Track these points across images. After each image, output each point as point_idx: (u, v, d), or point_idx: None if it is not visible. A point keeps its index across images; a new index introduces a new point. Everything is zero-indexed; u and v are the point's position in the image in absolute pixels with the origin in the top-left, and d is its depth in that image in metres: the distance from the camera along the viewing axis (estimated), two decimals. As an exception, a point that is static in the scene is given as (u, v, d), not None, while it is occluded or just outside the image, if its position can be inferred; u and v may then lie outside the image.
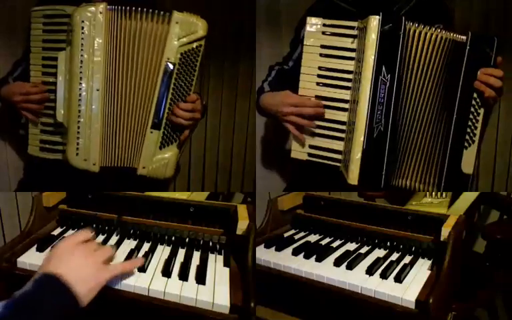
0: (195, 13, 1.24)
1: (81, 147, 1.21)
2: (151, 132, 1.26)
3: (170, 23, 1.21)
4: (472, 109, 1.18)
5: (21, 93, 1.25)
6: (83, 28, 1.17)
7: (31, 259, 1.01)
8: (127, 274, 0.93)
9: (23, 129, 1.30)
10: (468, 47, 1.15)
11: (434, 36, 1.17)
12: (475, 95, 1.17)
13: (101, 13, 1.18)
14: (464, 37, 1.16)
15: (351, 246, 1.27)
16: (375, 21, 1.14)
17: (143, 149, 1.27)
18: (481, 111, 1.17)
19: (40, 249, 1.06)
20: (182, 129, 1.28)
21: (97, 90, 1.20)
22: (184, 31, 1.21)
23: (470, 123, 1.18)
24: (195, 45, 1.23)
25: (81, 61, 1.19)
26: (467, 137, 1.19)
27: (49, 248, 1.06)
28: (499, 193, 1.79)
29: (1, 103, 1.34)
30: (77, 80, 1.19)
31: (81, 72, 1.19)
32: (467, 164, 1.20)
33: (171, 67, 1.22)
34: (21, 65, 1.38)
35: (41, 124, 1.27)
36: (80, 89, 1.19)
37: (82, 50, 1.18)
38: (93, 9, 1.18)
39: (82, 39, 1.18)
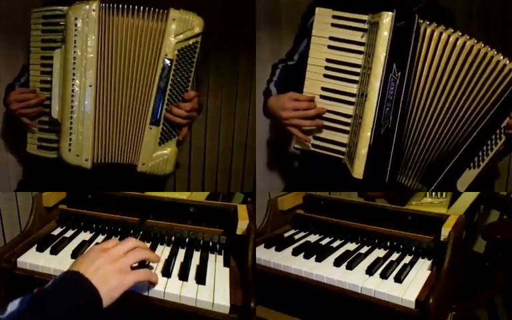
0: (195, 12, 1.24)
1: (74, 143, 1.22)
2: (150, 128, 1.27)
3: (167, 20, 1.22)
4: (492, 137, 1.17)
5: (17, 100, 1.26)
6: (76, 25, 1.19)
7: (31, 259, 1.01)
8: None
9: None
10: None
11: (460, 41, 1.14)
12: (502, 125, 1.15)
13: (94, 10, 1.19)
14: None
15: (351, 246, 1.27)
16: (387, 17, 1.12)
17: (142, 145, 1.27)
18: (499, 142, 1.16)
19: (40, 249, 1.06)
20: (180, 126, 1.28)
21: (90, 86, 1.21)
22: (181, 28, 1.23)
23: (484, 148, 1.17)
24: (191, 41, 1.24)
25: (74, 58, 1.20)
26: (475, 159, 1.18)
27: (49, 248, 1.06)
28: (498, 193, 1.78)
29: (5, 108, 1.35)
30: (70, 76, 1.20)
31: (74, 68, 1.20)
32: (463, 183, 1.20)
33: (169, 63, 1.23)
34: (28, 70, 1.38)
35: (39, 122, 1.28)
36: (73, 85, 1.20)
37: (75, 46, 1.19)
38: (86, 6, 1.19)
39: (75, 35, 1.19)
